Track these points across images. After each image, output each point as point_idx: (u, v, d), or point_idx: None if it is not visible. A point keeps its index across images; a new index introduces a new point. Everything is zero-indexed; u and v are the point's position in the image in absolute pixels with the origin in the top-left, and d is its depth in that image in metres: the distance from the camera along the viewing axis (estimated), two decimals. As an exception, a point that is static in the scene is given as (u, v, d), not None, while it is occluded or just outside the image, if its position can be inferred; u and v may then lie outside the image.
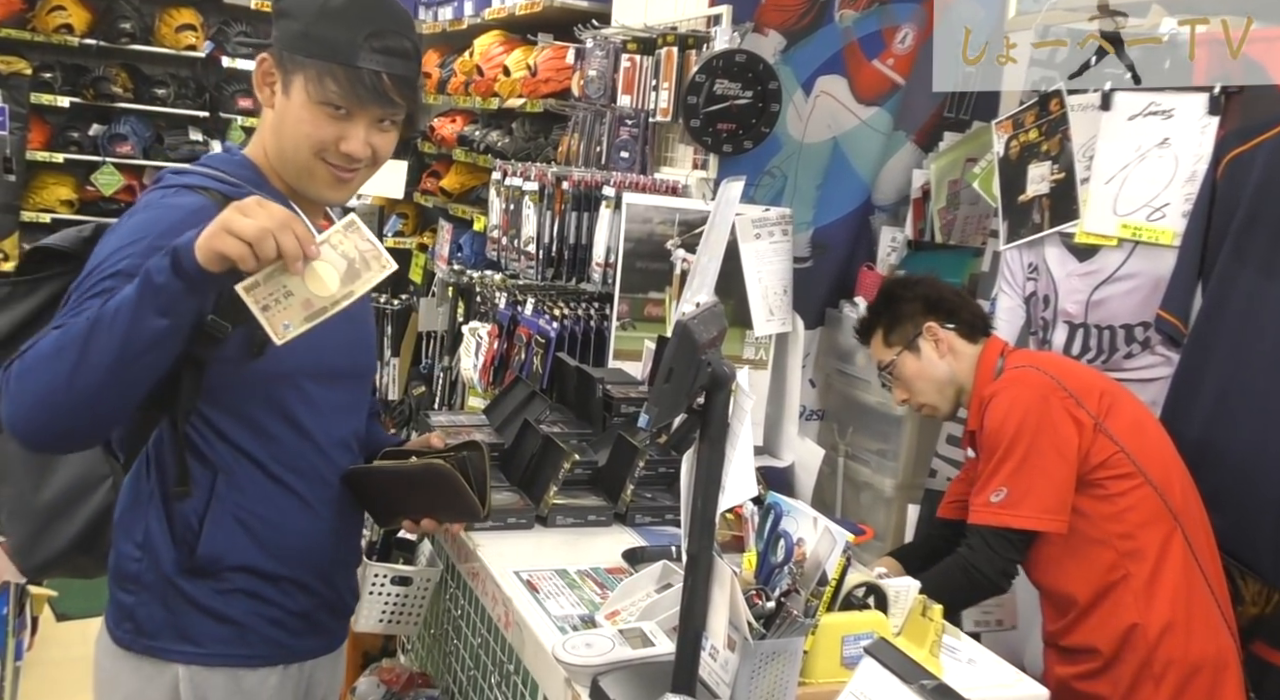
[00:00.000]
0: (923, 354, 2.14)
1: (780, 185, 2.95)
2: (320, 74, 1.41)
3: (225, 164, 1.50)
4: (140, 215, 1.41)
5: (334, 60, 1.41)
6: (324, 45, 1.42)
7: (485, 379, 3.04)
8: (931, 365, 2.14)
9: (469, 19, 4.42)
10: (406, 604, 1.99)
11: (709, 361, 1.20)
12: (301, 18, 1.43)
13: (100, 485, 1.49)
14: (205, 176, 1.46)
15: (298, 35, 1.43)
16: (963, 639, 1.69)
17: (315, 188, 1.49)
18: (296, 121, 1.44)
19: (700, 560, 1.25)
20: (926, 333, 2.13)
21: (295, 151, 1.46)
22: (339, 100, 1.43)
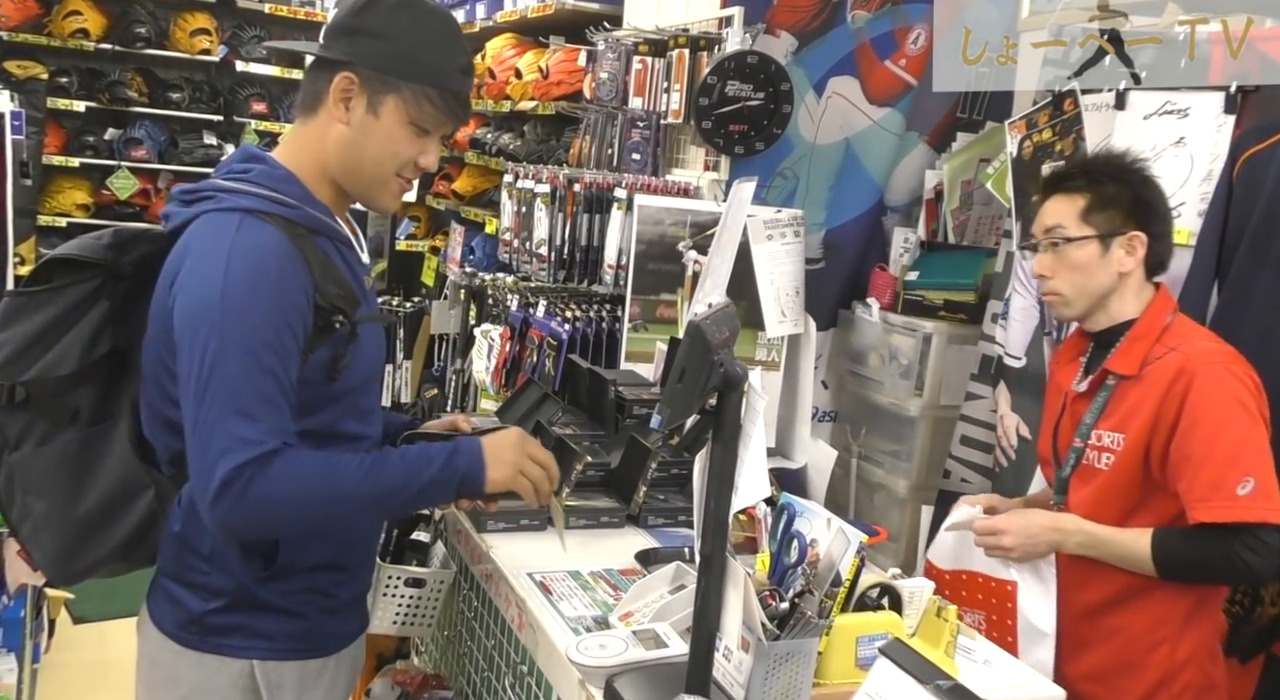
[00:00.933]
0: (1108, 255, 1.84)
1: (792, 186, 2.95)
2: (417, 97, 1.47)
3: (272, 180, 1.48)
4: (237, 265, 1.37)
5: (433, 84, 1.48)
6: (425, 70, 1.47)
7: (497, 381, 3.05)
8: (1105, 270, 1.84)
9: (481, 22, 4.43)
10: (420, 606, 2.00)
11: (721, 362, 1.20)
12: (400, 40, 1.46)
13: (141, 496, 1.48)
14: (260, 198, 1.45)
15: (395, 58, 1.46)
16: (978, 639, 1.68)
17: (384, 200, 1.56)
18: (385, 140, 1.49)
19: (714, 561, 1.25)
20: (1129, 241, 1.84)
21: (376, 168, 1.51)
22: (433, 123, 1.50)
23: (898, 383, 2.86)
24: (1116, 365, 1.84)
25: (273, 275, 1.38)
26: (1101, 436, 1.85)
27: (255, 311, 1.36)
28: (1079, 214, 1.85)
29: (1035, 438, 2.40)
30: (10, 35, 5.20)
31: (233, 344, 1.35)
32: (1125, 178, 1.86)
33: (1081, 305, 1.88)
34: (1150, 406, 1.77)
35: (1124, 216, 1.83)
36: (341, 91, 1.47)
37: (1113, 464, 1.82)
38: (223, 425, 1.35)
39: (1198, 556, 1.73)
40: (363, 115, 1.48)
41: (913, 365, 2.82)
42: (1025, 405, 2.44)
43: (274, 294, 1.38)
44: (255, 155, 1.53)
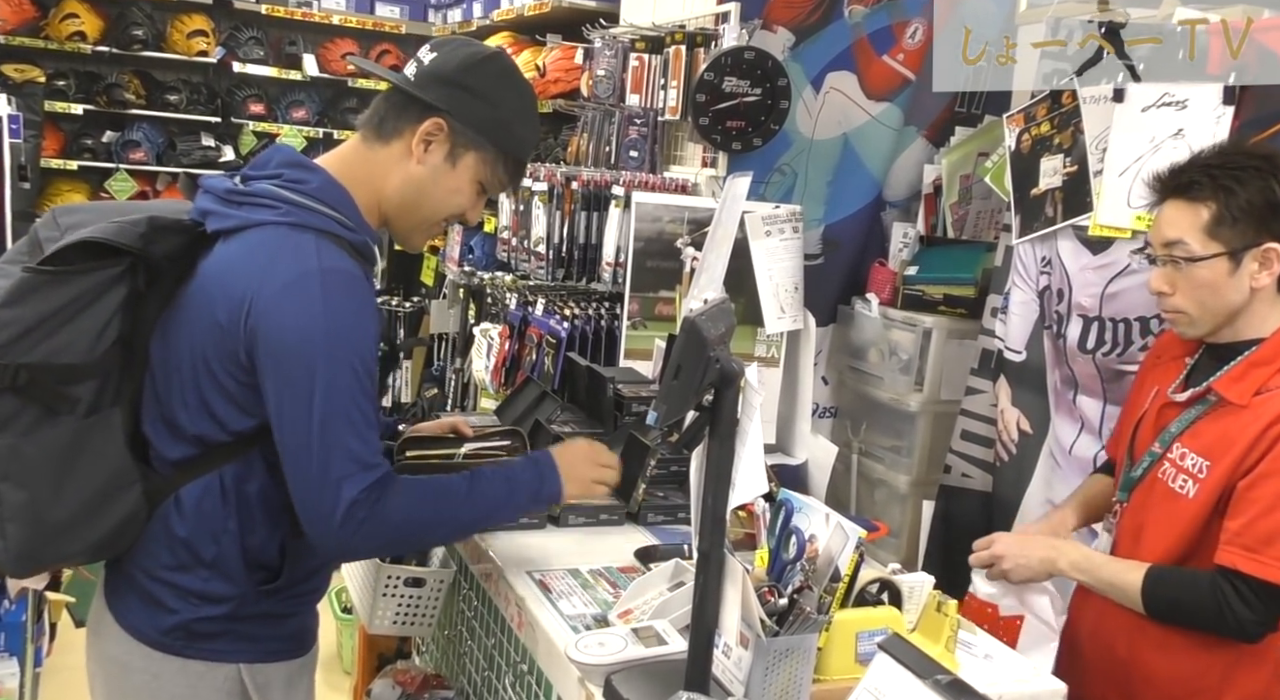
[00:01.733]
0: (1239, 271, 1.62)
1: (790, 182, 2.94)
2: (495, 161, 1.55)
3: (334, 199, 1.48)
4: (334, 294, 1.39)
5: (514, 155, 1.57)
6: (514, 140, 1.56)
7: (497, 380, 3.04)
8: (1236, 288, 1.63)
9: (478, 20, 4.43)
10: (420, 605, 1.99)
11: (717, 358, 1.19)
12: (500, 108, 1.53)
13: (127, 492, 1.44)
14: (327, 218, 1.45)
15: (493, 123, 1.53)
16: (978, 634, 1.68)
17: (420, 240, 1.63)
18: (452, 191, 1.55)
19: (712, 558, 1.25)
20: (1263, 254, 1.63)
21: (433, 213, 1.57)
22: (496, 187, 1.58)
23: (898, 378, 2.85)
24: (1227, 389, 1.66)
25: (363, 305, 1.43)
26: (1185, 456, 1.68)
27: (356, 340, 1.41)
28: (1204, 228, 1.63)
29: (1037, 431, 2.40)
30: (7, 38, 5.20)
31: (344, 371, 1.38)
32: (1258, 181, 1.62)
33: (1208, 324, 1.69)
34: (1247, 440, 1.60)
35: (1256, 228, 1.61)
36: (427, 134, 1.51)
37: (1197, 494, 1.66)
38: (340, 449, 1.38)
39: (1188, 595, 1.62)
40: (440, 162, 1.53)
41: (913, 360, 2.81)
42: (1026, 399, 2.44)
43: (366, 323, 1.43)
44: (305, 164, 1.52)
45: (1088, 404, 2.29)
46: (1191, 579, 1.64)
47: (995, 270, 2.68)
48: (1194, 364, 1.77)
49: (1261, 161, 1.65)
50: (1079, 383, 2.31)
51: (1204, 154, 1.73)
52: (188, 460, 1.46)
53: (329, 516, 1.38)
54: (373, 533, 1.41)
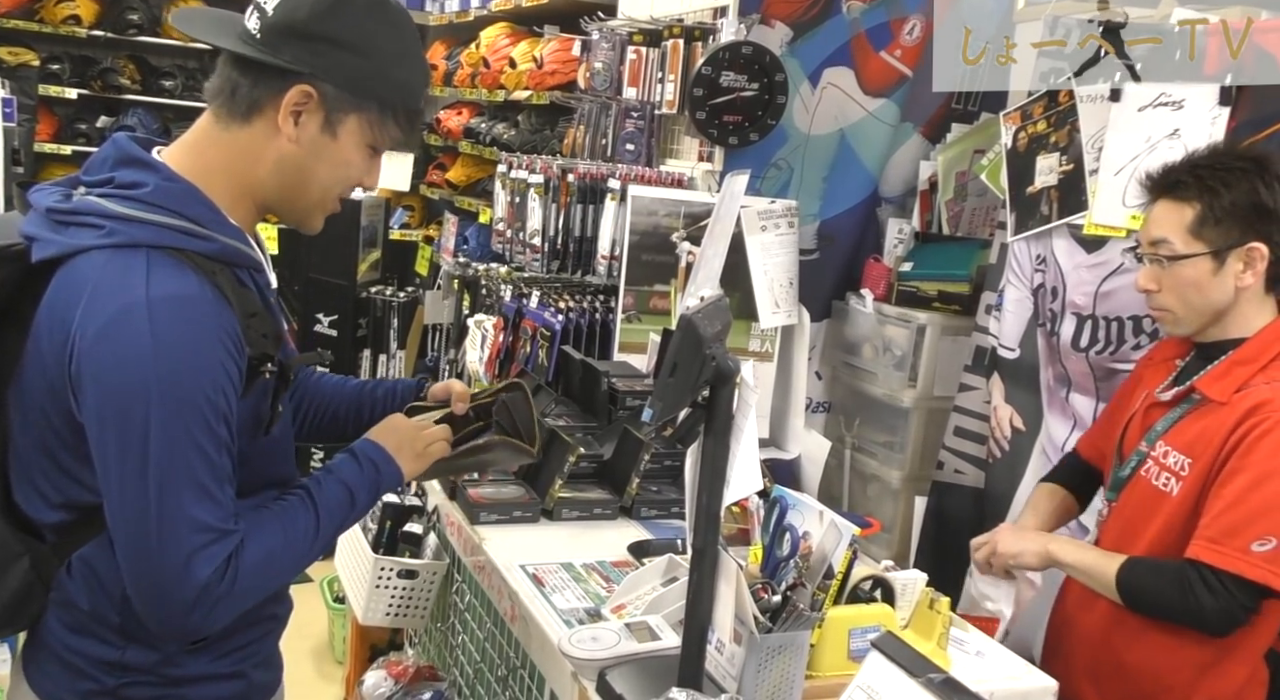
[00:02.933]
0: (1223, 271, 1.65)
1: (786, 177, 2.94)
2: (383, 118, 1.30)
3: (173, 200, 1.22)
4: (162, 325, 1.15)
5: (405, 104, 1.32)
6: (399, 89, 1.30)
7: (490, 372, 3.04)
8: (1221, 287, 1.65)
9: (475, 11, 4.41)
10: (413, 597, 2.00)
11: (713, 355, 1.19)
12: (373, 55, 1.27)
13: (13, 568, 1.26)
14: (162, 229, 1.20)
15: (368, 76, 1.27)
16: (970, 631, 1.69)
17: (314, 221, 1.38)
18: (339, 164, 1.30)
19: (706, 554, 1.25)
20: (1247, 253, 1.64)
21: (323, 191, 1.32)
22: (392, 144, 1.34)
23: (891, 374, 2.86)
24: (1209, 387, 1.68)
25: (203, 332, 1.18)
26: (1168, 454, 1.70)
27: (195, 378, 1.17)
28: (1188, 227, 1.65)
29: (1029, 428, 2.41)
30: (1, 21, 5.16)
31: (178, 417, 1.16)
32: (1243, 182, 1.64)
33: (1194, 323, 1.71)
34: (1223, 434, 1.63)
35: (1241, 228, 1.63)
36: (295, 105, 1.25)
37: (1179, 492, 1.68)
38: (183, 514, 1.16)
39: (1158, 582, 1.64)
40: (316, 134, 1.27)
41: (906, 356, 2.82)
42: (1019, 397, 2.44)
43: (209, 354, 1.18)
44: (137, 159, 1.25)
45: (1080, 402, 2.30)
46: (1160, 567, 1.67)
47: (990, 267, 2.68)
48: (1184, 365, 1.79)
49: (1249, 163, 1.67)
50: (1072, 380, 2.32)
51: (1195, 155, 1.75)
52: (67, 525, 1.26)
53: (178, 604, 1.17)
54: (230, 608, 1.22)
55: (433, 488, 2.14)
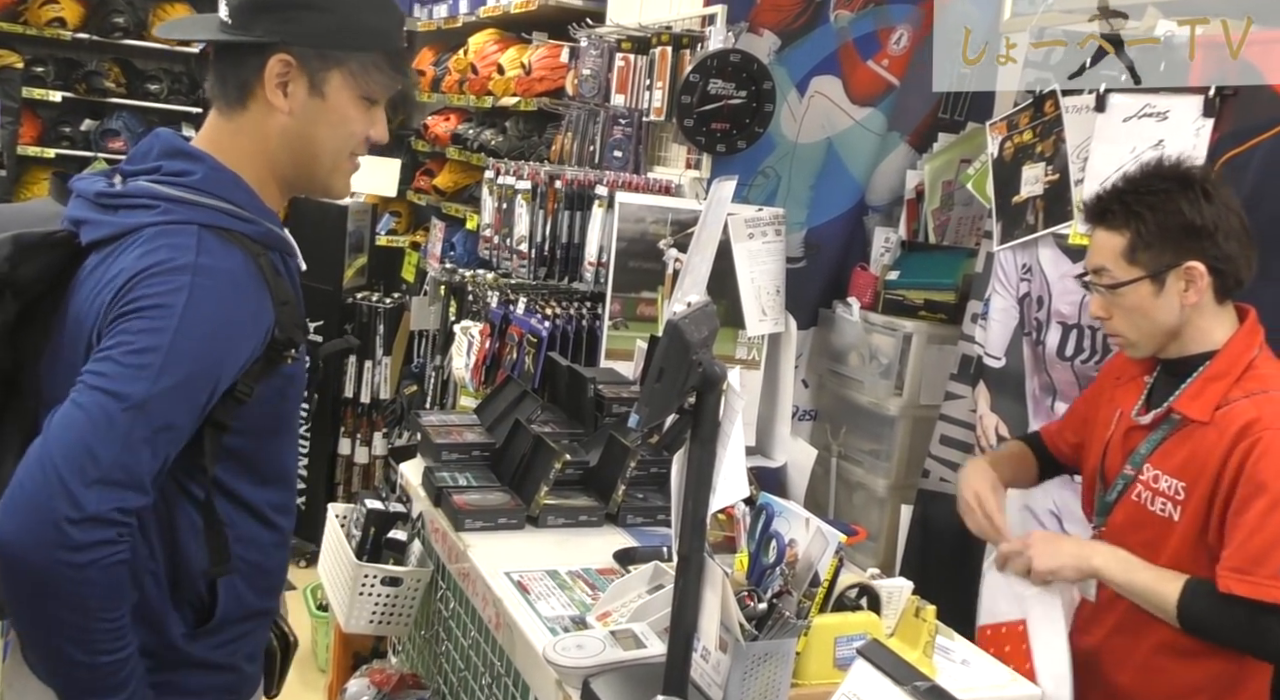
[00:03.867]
0: (1164, 292, 1.64)
1: (774, 185, 2.95)
2: (365, 67, 1.32)
3: (222, 187, 1.29)
4: (201, 295, 1.19)
5: (380, 49, 1.33)
6: (371, 35, 1.32)
7: (477, 378, 3.03)
8: (1165, 308, 1.65)
9: (464, 17, 4.41)
10: (397, 605, 1.99)
11: (700, 362, 1.19)
12: (340, 9, 1.30)
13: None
14: (215, 211, 1.26)
15: (336, 29, 1.29)
16: (956, 640, 1.68)
17: (340, 186, 1.41)
18: (339, 122, 1.33)
19: (692, 561, 1.25)
20: (1185, 273, 1.63)
21: (334, 153, 1.35)
22: (380, 91, 1.34)
23: (878, 382, 2.86)
24: (1187, 407, 1.66)
25: (239, 306, 1.23)
26: (1159, 478, 1.68)
27: (217, 346, 1.21)
28: (1123, 254, 1.66)
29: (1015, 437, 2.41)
30: (-15, 24, 5.13)
31: (169, 381, 1.17)
32: (1168, 204, 1.63)
33: (1149, 345, 1.71)
34: (1218, 457, 1.59)
35: (1173, 249, 1.63)
36: (278, 77, 1.29)
37: (1182, 517, 1.64)
38: (128, 454, 1.15)
39: (1226, 621, 1.57)
40: (306, 99, 1.30)
41: (893, 364, 2.82)
42: (1005, 405, 2.45)
43: (238, 328, 1.23)
44: (187, 152, 1.31)
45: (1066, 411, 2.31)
46: (1226, 604, 1.57)
47: (976, 276, 2.69)
48: (1152, 383, 1.77)
49: (1173, 183, 1.66)
50: (1057, 389, 2.33)
51: (1120, 180, 1.74)
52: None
53: (63, 498, 1.12)
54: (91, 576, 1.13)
55: (418, 494, 2.13)
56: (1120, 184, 1.72)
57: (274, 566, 1.44)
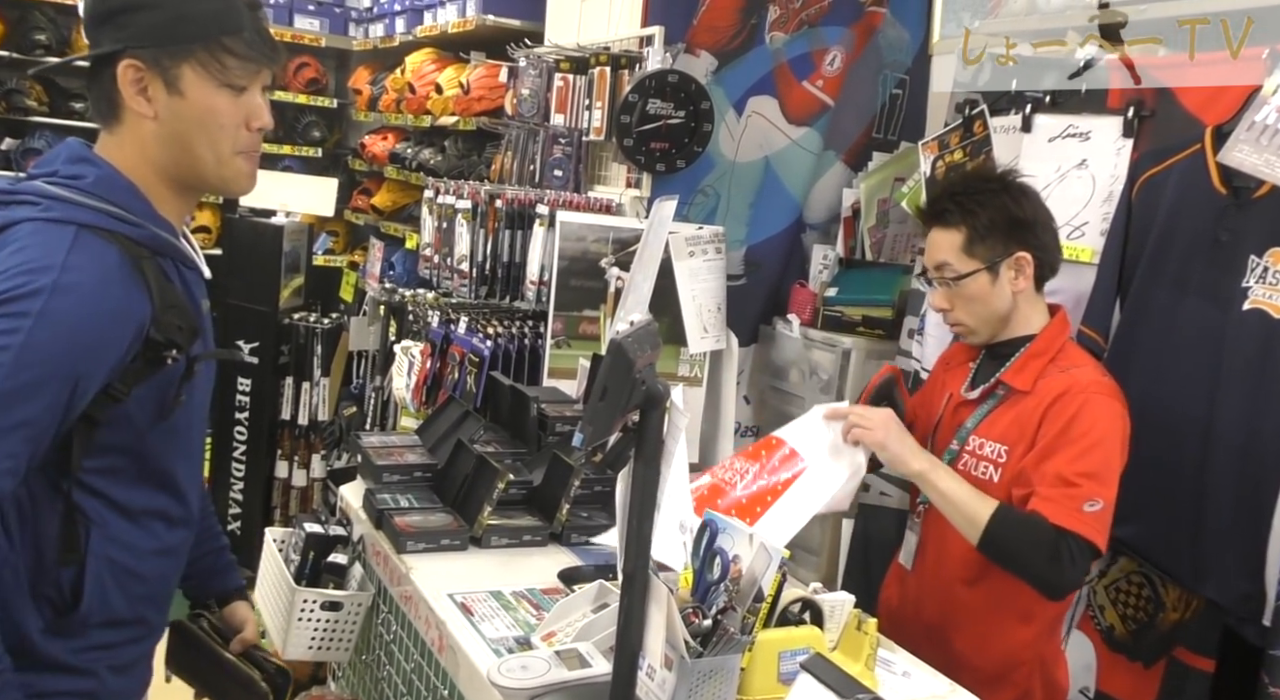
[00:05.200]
0: (999, 280, 1.85)
1: (713, 204, 2.98)
2: (213, 54, 1.30)
3: (113, 191, 1.30)
4: (67, 280, 1.19)
5: (224, 33, 1.30)
6: (208, 21, 1.30)
7: (418, 399, 3.00)
8: (1000, 295, 1.86)
9: (400, 36, 4.39)
10: (337, 630, 1.95)
11: (643, 380, 1.20)
12: (168, 3, 1.29)
13: None
14: (99, 213, 1.27)
15: (170, 22, 1.29)
16: (898, 652, 1.71)
17: (239, 182, 1.39)
18: (205, 116, 1.31)
19: (636, 579, 1.25)
20: (1015, 262, 1.85)
21: (212, 151, 1.33)
22: (242, 76, 1.32)
23: (818, 397, 2.89)
24: (1012, 379, 1.87)
25: (105, 302, 1.23)
26: (983, 445, 1.87)
27: (73, 352, 1.20)
28: (961, 248, 1.85)
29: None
30: (-99, 40, 4.97)
31: (26, 377, 1.18)
32: (995, 201, 1.85)
33: (986, 331, 1.91)
34: (1036, 417, 1.80)
35: (1004, 241, 1.84)
36: (132, 83, 1.29)
37: (1001, 477, 1.83)
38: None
39: (1028, 539, 1.72)
40: (167, 100, 1.30)
41: (833, 380, 2.86)
42: (940, 419, 2.49)
43: (102, 326, 1.23)
44: (87, 157, 1.33)
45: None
46: (1031, 526, 1.73)
47: (912, 292, 2.75)
48: (977, 366, 1.97)
49: (996, 184, 1.89)
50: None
51: (951, 182, 2.01)
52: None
53: None
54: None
55: (358, 516, 2.10)
56: (951, 187, 1.93)
57: (151, 574, 1.40)
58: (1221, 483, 1.91)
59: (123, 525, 1.36)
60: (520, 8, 3.63)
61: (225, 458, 4.20)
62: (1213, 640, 2.04)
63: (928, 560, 1.97)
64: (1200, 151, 2.00)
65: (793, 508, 1.86)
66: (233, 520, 4.23)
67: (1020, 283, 1.86)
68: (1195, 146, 2.01)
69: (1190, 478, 1.95)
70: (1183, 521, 1.97)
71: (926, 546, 1.98)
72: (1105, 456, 1.75)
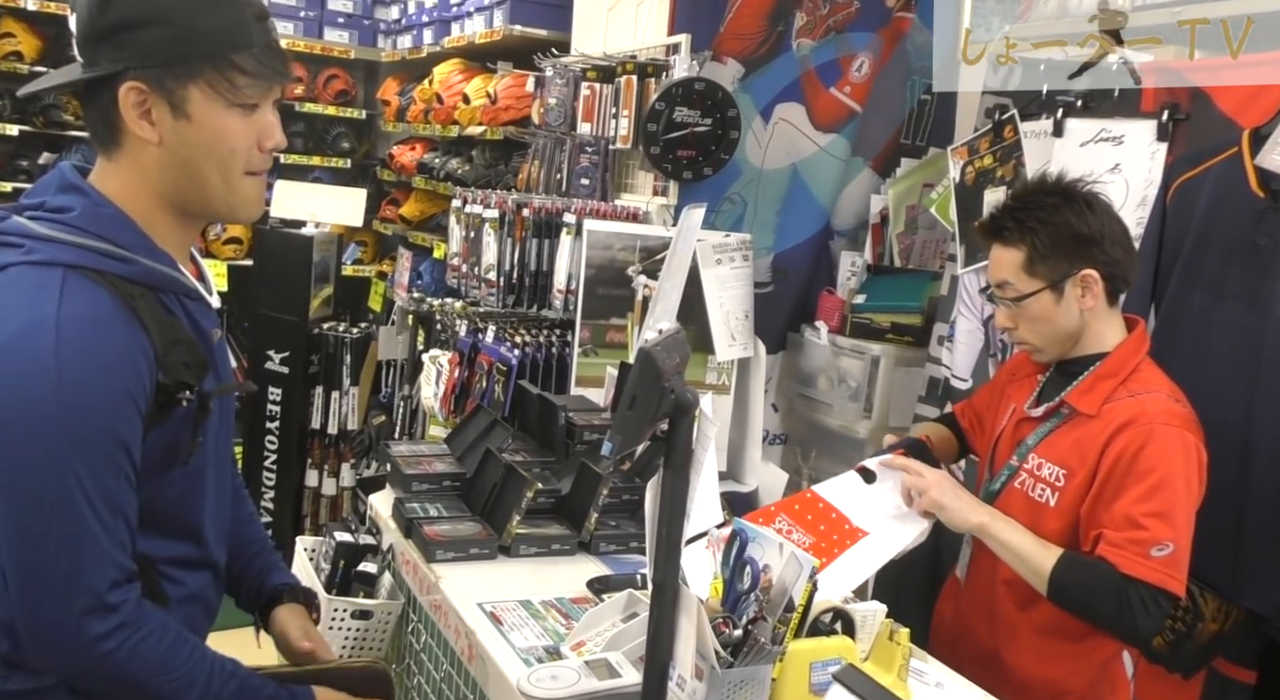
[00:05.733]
0: (1064, 299, 1.75)
1: (740, 211, 2.97)
2: (222, 73, 1.21)
3: (100, 224, 1.21)
4: (70, 350, 1.12)
5: (234, 50, 1.21)
6: (218, 37, 1.20)
7: (446, 408, 3.01)
8: (1067, 314, 1.76)
9: (428, 47, 4.42)
10: (367, 638, 1.95)
11: (672, 388, 1.19)
12: (175, 19, 1.19)
13: None
14: (84, 251, 1.19)
15: (176, 39, 1.19)
16: (930, 662, 1.69)
17: (247, 208, 1.31)
18: (215, 139, 1.22)
19: (666, 589, 1.24)
20: (1081, 280, 1.74)
21: (221, 176, 1.25)
22: (254, 94, 1.23)
23: (847, 405, 2.88)
24: (1078, 401, 1.77)
25: (110, 356, 1.15)
26: (1042, 466, 1.79)
27: (102, 412, 1.14)
28: (1021, 267, 1.77)
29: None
30: (-60, 57, 5.07)
31: (79, 461, 1.13)
32: (1057, 216, 1.75)
33: (1054, 350, 1.82)
34: (1099, 445, 1.71)
35: (1068, 258, 1.74)
36: (135, 107, 1.21)
37: (1058, 502, 1.75)
38: (79, 578, 1.15)
39: (1094, 588, 1.65)
40: (173, 123, 1.21)
41: (861, 387, 2.84)
42: (971, 426, 2.47)
43: (115, 379, 1.15)
44: (74, 186, 1.24)
45: (1032, 431, 2.34)
46: (1095, 573, 1.66)
47: (941, 299, 2.73)
48: (1045, 380, 1.88)
49: (1057, 198, 1.77)
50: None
51: (1011, 197, 1.87)
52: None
53: (67, 654, 1.18)
54: (116, 667, 1.19)
55: (388, 525, 2.10)
56: (1011, 202, 1.83)
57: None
58: (1260, 491, 1.88)
59: (144, 573, 1.28)
60: (547, 17, 3.64)
61: (256, 467, 4.24)
62: (1254, 651, 2.00)
63: (981, 576, 1.90)
64: (1237, 155, 1.97)
65: (854, 565, 1.83)
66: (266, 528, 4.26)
67: (1088, 300, 1.75)
68: (1232, 150, 1.98)
69: (1228, 486, 1.91)
70: (1221, 530, 1.93)
71: (980, 560, 1.91)
72: (1173, 495, 1.64)
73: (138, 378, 1.18)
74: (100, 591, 1.17)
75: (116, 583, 1.19)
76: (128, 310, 1.19)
